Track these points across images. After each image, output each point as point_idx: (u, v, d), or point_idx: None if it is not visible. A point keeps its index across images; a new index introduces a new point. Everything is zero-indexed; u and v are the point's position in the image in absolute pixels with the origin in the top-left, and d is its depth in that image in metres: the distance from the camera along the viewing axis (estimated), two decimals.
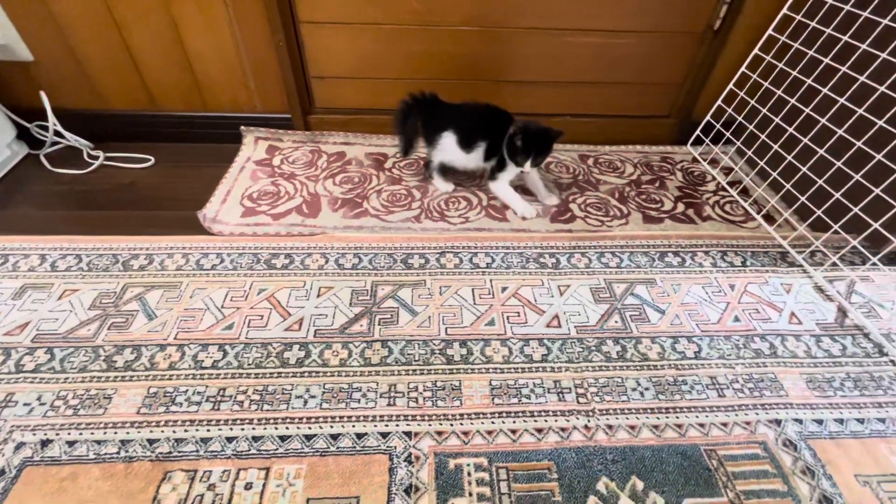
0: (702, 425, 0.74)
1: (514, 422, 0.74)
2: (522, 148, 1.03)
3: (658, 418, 0.75)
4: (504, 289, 0.96)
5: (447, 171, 1.21)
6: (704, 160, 1.38)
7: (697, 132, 1.38)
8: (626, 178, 1.31)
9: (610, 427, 0.74)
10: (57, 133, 1.27)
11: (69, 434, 0.70)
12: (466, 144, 1.10)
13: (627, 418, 0.75)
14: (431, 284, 0.96)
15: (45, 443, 0.69)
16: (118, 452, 0.68)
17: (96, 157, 1.27)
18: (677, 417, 0.75)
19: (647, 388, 0.79)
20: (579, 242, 1.08)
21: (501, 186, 1.15)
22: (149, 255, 0.99)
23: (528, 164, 1.05)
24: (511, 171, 1.11)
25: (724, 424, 0.75)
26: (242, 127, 1.36)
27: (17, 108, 1.24)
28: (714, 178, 1.32)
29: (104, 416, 0.72)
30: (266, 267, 0.98)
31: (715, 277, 1.01)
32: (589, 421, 0.74)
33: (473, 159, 1.13)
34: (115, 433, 0.70)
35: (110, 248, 1.00)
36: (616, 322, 0.90)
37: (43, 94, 1.21)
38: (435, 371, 0.80)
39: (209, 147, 1.34)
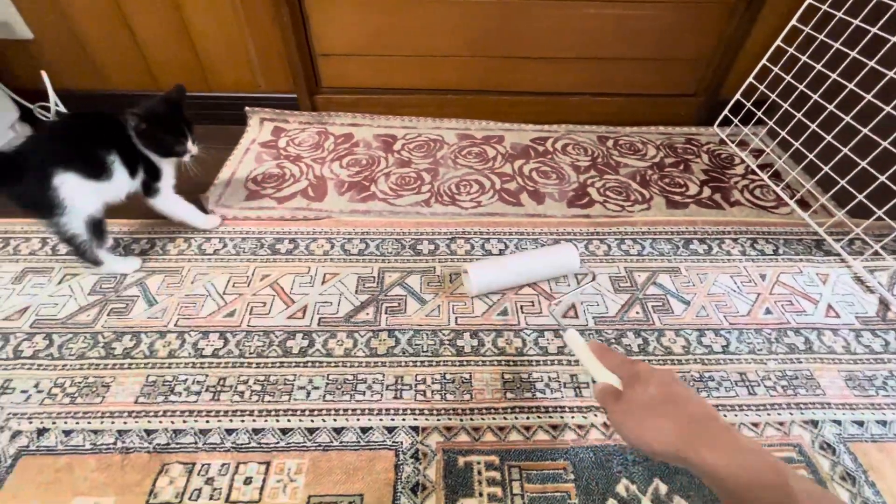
0: (731, 425, 0.69)
1: (528, 418, 0.70)
2: (167, 129, 0.83)
3: None
4: None
5: (101, 230, 0.83)
6: (733, 142, 1.30)
7: (725, 112, 1.30)
8: (648, 161, 1.24)
9: None
10: (59, 114, 1.24)
11: (66, 423, 0.67)
12: (95, 171, 0.77)
13: None
14: (441, 271, 0.91)
15: (41, 432, 0.66)
16: (115, 443, 0.65)
17: None
18: None
19: None
20: (598, 228, 1.02)
21: (170, 198, 0.91)
22: (150, 239, 0.96)
23: (190, 145, 0.86)
24: (168, 171, 0.89)
25: (755, 424, 0.70)
26: (247, 108, 1.32)
27: (19, 89, 1.21)
28: (743, 161, 1.24)
29: (101, 405, 0.70)
30: (270, 252, 0.94)
31: (744, 266, 0.94)
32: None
33: (118, 184, 0.81)
34: (113, 423, 0.68)
35: (111, 231, 0.97)
36: (637, 313, 0.85)
37: (44, 74, 1.19)
38: (444, 363, 0.76)
39: (213, 128, 1.29)
